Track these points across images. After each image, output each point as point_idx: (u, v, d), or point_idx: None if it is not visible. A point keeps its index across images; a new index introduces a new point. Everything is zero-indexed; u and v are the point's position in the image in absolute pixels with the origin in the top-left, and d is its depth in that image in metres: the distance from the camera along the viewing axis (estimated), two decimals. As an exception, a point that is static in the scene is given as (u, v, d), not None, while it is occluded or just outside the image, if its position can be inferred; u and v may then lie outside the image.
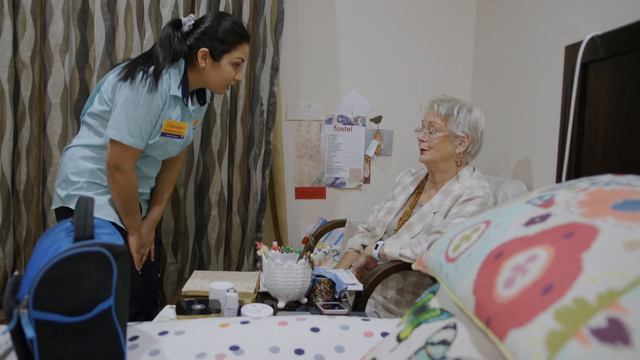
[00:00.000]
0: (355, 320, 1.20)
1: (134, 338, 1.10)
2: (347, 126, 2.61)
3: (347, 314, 1.42)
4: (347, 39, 2.58)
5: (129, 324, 1.15)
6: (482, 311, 0.75)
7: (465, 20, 2.64)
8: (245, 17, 2.27)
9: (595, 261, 0.65)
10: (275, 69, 2.33)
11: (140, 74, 1.65)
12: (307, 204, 2.64)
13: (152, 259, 1.94)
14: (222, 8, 2.22)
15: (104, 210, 1.71)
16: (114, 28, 2.19)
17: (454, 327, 0.83)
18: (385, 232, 1.95)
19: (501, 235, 0.84)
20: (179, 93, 1.72)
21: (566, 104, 1.33)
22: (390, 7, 2.59)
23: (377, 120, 2.63)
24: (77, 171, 1.72)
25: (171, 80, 1.70)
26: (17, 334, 0.91)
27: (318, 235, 2.40)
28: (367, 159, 2.65)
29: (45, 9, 2.12)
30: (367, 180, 2.66)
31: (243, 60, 1.78)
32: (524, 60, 2.07)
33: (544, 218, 0.82)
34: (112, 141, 1.67)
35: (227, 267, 2.40)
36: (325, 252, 2.48)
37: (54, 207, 1.80)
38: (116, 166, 1.68)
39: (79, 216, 0.99)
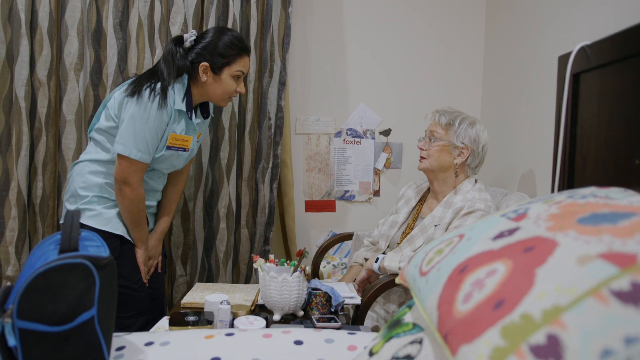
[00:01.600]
0: (341, 334, 1.20)
1: (121, 348, 1.12)
2: (356, 139, 2.62)
3: (339, 327, 1.42)
4: (355, 53, 2.60)
5: (117, 334, 1.18)
6: (442, 326, 0.74)
7: (474, 33, 2.63)
8: (253, 33, 2.32)
9: (548, 276, 0.64)
10: (282, 84, 2.37)
11: (147, 90, 1.69)
12: (317, 217, 2.65)
13: (159, 270, 1.97)
14: (230, 24, 2.27)
15: (112, 224, 1.75)
16: (126, 46, 2.26)
17: (420, 342, 0.82)
18: (388, 246, 1.94)
19: (470, 249, 0.83)
20: (183, 107, 1.76)
21: (559, 115, 1.31)
22: (398, 20, 2.60)
23: (386, 133, 2.63)
24: (85, 186, 1.76)
25: (175, 95, 1.74)
26: (2, 342, 0.95)
27: (326, 248, 2.40)
28: (377, 172, 2.64)
29: (61, 30, 2.20)
30: (376, 193, 2.66)
31: (244, 73, 1.83)
32: (531, 72, 2.04)
33: (512, 232, 0.81)
34: (119, 156, 1.72)
35: (235, 280, 2.42)
36: (334, 265, 2.48)
37: (62, 221, 1.85)
38: (124, 180, 1.72)
39: (65, 229, 1.03)
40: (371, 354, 0.90)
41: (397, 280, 1.09)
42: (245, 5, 2.34)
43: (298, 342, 1.14)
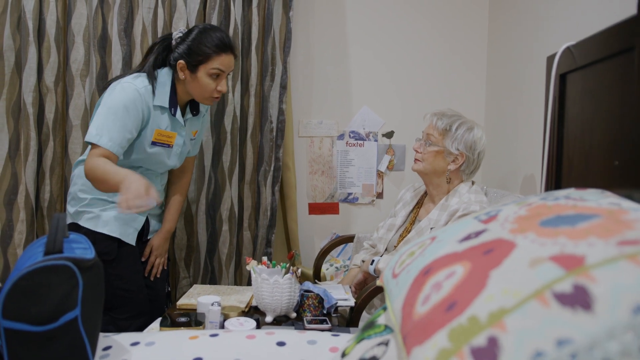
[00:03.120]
0: (324, 335, 1.21)
1: (107, 348, 1.14)
2: (359, 142, 2.62)
3: (329, 329, 1.42)
4: (358, 56, 2.60)
5: (105, 334, 1.20)
6: (403, 328, 0.75)
7: (477, 35, 2.61)
8: (254, 37, 2.34)
9: (500, 279, 0.64)
10: (284, 87, 2.38)
11: (120, 84, 1.72)
12: (320, 220, 2.66)
13: (165, 267, 1.99)
14: (231, 29, 2.30)
15: (109, 226, 1.76)
16: (131, 52, 2.31)
17: (387, 344, 0.83)
18: (386, 249, 1.94)
19: (437, 251, 0.84)
20: (165, 103, 1.76)
21: (546, 117, 1.29)
22: (400, 23, 2.60)
23: (389, 135, 2.63)
24: (84, 188, 1.79)
25: (157, 91, 1.75)
26: (-11, 342, 0.98)
27: (328, 250, 2.41)
28: (380, 174, 2.64)
29: (68, 37, 2.26)
30: (380, 195, 2.65)
31: (223, 71, 1.76)
32: (533, 73, 2.02)
33: (478, 234, 0.81)
34: (91, 145, 1.66)
35: (238, 282, 2.44)
36: (337, 268, 2.48)
37: None
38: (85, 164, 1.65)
39: (50, 231, 1.06)
40: (344, 355, 0.91)
41: (378, 282, 1.09)
42: (247, 10, 2.37)
43: (281, 344, 1.15)
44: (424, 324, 0.67)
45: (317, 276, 2.35)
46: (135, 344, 1.15)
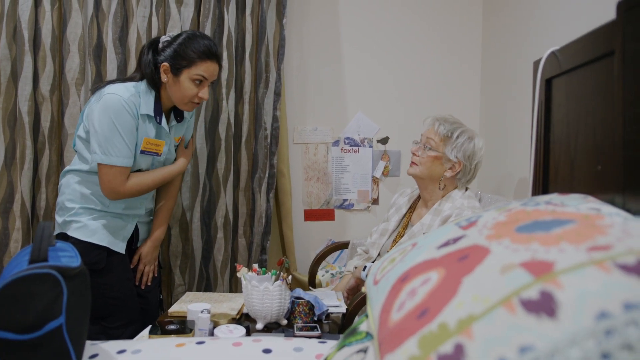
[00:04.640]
0: (311, 343, 1.21)
1: (94, 356, 1.14)
2: (354, 148, 2.63)
3: (318, 336, 1.42)
4: (352, 62, 2.61)
5: (92, 342, 1.20)
6: (380, 334, 0.74)
7: (471, 40, 2.62)
8: (248, 45, 2.36)
9: (471, 285, 0.64)
10: (277, 94, 2.39)
11: (104, 97, 1.70)
12: (316, 226, 2.66)
13: (156, 274, 1.98)
14: (225, 37, 2.31)
15: (97, 235, 1.75)
16: (126, 61, 2.32)
17: (365, 351, 0.83)
18: (379, 254, 1.94)
19: (415, 257, 0.84)
20: (149, 111, 1.75)
21: (533, 121, 1.30)
22: (395, 28, 2.61)
23: (384, 141, 2.63)
24: (71, 197, 1.78)
25: (141, 99, 1.74)
26: (-27, 350, 0.98)
27: (323, 256, 2.40)
28: (375, 180, 2.64)
29: (63, 46, 2.28)
30: (375, 201, 2.65)
31: (206, 79, 1.76)
32: (525, 76, 2.02)
33: (456, 240, 0.81)
34: (98, 166, 1.70)
35: (233, 289, 2.44)
36: (332, 274, 2.48)
37: (54, 233, 1.88)
38: (113, 191, 1.71)
39: (35, 240, 1.06)
40: (325, 362, 0.91)
41: (363, 289, 1.09)
42: (241, 18, 2.38)
43: (266, 351, 1.15)
44: (398, 330, 0.67)
45: (312, 283, 2.34)
46: (121, 351, 1.15)
